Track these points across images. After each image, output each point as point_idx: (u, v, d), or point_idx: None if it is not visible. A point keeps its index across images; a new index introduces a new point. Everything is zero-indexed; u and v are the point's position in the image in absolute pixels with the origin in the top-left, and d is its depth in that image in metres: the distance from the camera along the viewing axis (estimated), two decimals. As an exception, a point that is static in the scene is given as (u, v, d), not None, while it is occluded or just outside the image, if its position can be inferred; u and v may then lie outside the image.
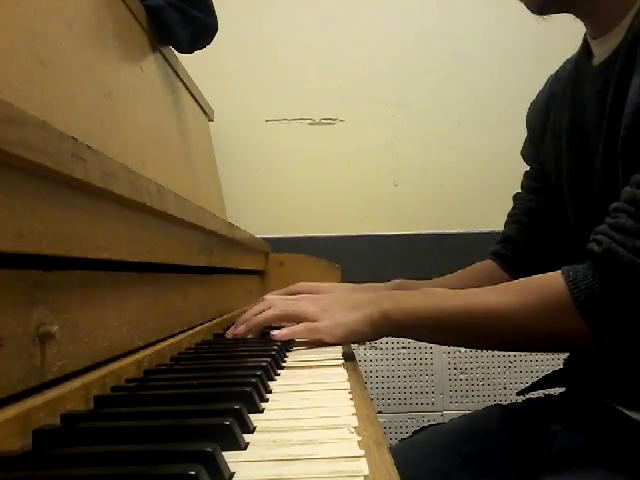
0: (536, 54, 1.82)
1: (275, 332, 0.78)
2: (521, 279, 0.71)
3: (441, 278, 1.07)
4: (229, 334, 0.85)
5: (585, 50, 0.84)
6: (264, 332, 0.88)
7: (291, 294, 0.95)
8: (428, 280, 1.06)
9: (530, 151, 1.01)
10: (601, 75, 0.78)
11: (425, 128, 1.86)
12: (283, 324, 0.83)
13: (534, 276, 0.69)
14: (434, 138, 1.86)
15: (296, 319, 0.78)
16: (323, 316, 0.76)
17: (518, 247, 1.01)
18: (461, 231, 1.82)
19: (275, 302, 0.82)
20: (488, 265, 1.04)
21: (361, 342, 0.77)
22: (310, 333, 0.76)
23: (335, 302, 0.79)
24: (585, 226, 0.85)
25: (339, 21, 1.86)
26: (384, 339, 1.72)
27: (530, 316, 0.66)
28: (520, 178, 1.06)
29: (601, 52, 0.79)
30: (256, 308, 0.84)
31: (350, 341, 0.76)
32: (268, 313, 0.80)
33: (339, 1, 1.87)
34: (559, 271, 0.66)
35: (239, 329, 0.83)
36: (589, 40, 0.83)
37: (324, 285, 1.01)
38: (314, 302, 0.79)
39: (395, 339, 1.74)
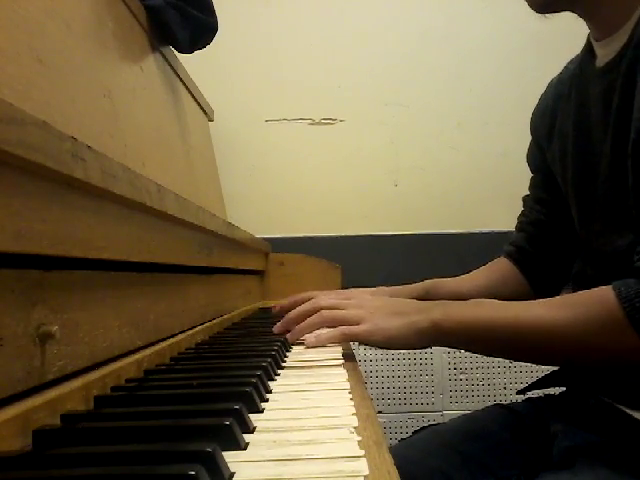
0: (536, 54, 1.82)
1: (310, 339, 0.78)
2: (572, 294, 0.70)
3: (467, 275, 1.08)
4: (276, 330, 0.85)
5: (588, 51, 0.84)
6: (265, 332, 0.88)
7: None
8: (454, 277, 1.08)
9: (536, 157, 1.01)
10: (605, 77, 0.78)
11: (425, 128, 1.86)
12: None
13: (585, 291, 0.69)
14: (434, 138, 1.86)
15: (337, 324, 0.77)
16: (365, 319, 0.75)
17: (529, 255, 1.03)
18: (461, 231, 1.82)
19: (320, 304, 0.82)
20: (507, 264, 1.05)
21: (403, 349, 0.76)
22: (346, 338, 0.75)
23: (381, 307, 0.77)
24: (589, 225, 0.85)
25: (339, 21, 1.86)
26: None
27: (583, 332, 0.66)
28: (520, 178, 1.06)
29: (605, 54, 0.79)
30: (302, 308, 0.83)
31: (390, 347, 0.75)
32: (312, 320, 0.80)
33: (339, 1, 1.87)
34: (610, 286, 0.65)
35: (289, 338, 0.82)
36: (592, 42, 0.83)
37: (361, 291, 1.02)
38: (359, 306, 0.78)
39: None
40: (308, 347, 0.78)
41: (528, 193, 1.06)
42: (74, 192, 0.47)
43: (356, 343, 0.80)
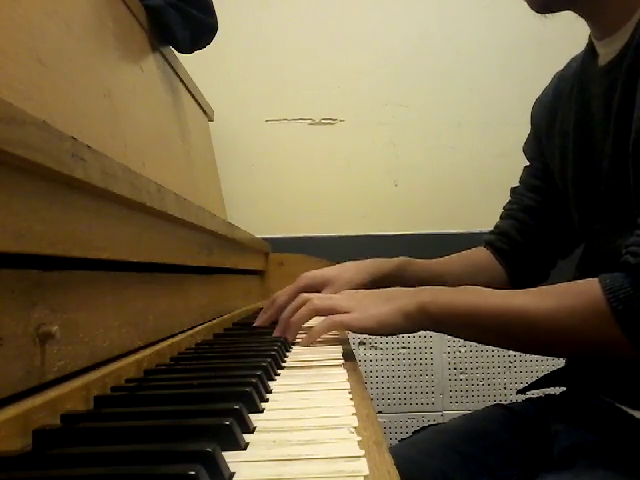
0: (536, 54, 1.82)
1: (302, 338, 0.78)
2: (559, 284, 0.71)
3: (441, 258, 1.07)
4: (277, 333, 0.84)
5: (590, 50, 0.84)
6: (265, 332, 0.88)
7: (300, 288, 0.95)
8: (430, 260, 1.06)
9: (534, 148, 1.01)
10: (607, 76, 0.79)
11: (425, 128, 1.86)
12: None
13: (572, 282, 0.69)
14: (434, 138, 1.86)
15: (328, 313, 0.78)
16: (354, 307, 0.76)
17: (514, 243, 1.01)
18: (461, 231, 1.82)
19: (309, 297, 0.82)
20: (484, 253, 1.04)
21: (394, 334, 0.76)
22: (335, 325, 0.76)
23: (369, 295, 0.79)
24: (589, 225, 0.85)
25: (339, 21, 1.86)
26: (383, 338, 1.72)
27: (567, 321, 0.66)
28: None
29: (606, 53, 0.79)
30: (293, 305, 0.83)
31: (380, 332, 0.75)
32: (302, 312, 0.80)
33: (339, 1, 1.87)
34: (596, 278, 0.66)
35: (288, 336, 0.82)
36: (594, 41, 0.83)
37: (329, 270, 1.00)
38: (348, 296, 0.79)
39: (395, 338, 1.74)
40: (305, 346, 0.78)
41: (518, 185, 1.05)
42: (74, 192, 0.47)
43: (356, 343, 0.80)
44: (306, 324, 0.83)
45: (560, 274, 1.03)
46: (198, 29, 1.19)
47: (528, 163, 1.04)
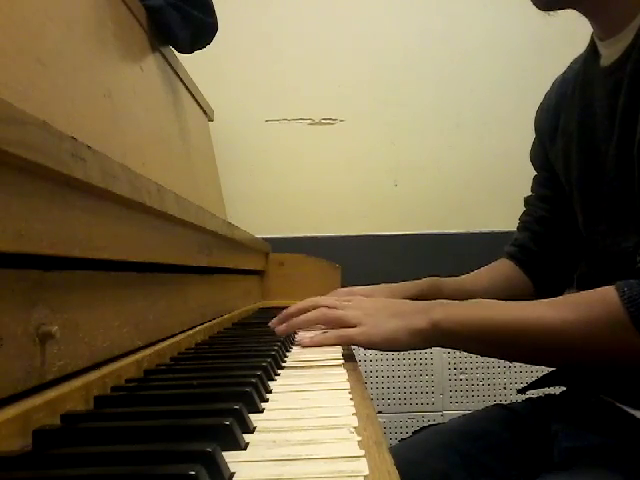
0: (536, 54, 1.82)
1: (305, 340, 0.78)
2: (574, 294, 0.69)
3: (469, 275, 1.07)
4: (272, 324, 0.86)
5: (592, 51, 0.84)
6: (265, 332, 0.89)
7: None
8: (456, 277, 1.06)
9: (539, 156, 1.01)
10: (610, 77, 0.78)
11: (425, 128, 1.86)
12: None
13: (588, 291, 0.68)
14: (434, 138, 1.86)
15: (335, 324, 0.77)
16: (364, 320, 0.75)
17: (532, 254, 1.02)
18: (461, 231, 1.82)
19: (320, 302, 0.82)
20: (509, 265, 1.04)
21: (402, 351, 0.75)
22: (342, 340, 0.75)
23: (380, 308, 0.77)
24: (594, 226, 0.85)
25: (339, 21, 1.86)
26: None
27: (585, 332, 0.65)
28: (520, 178, 1.06)
29: (610, 53, 0.79)
30: (301, 304, 0.84)
31: (385, 348, 0.74)
32: (309, 315, 0.80)
33: (339, 1, 1.87)
34: (613, 286, 0.65)
35: (280, 328, 0.83)
36: (597, 41, 0.82)
37: (362, 289, 1.01)
38: (358, 307, 0.79)
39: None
40: (303, 347, 0.78)
41: (530, 194, 1.05)
42: (74, 192, 0.47)
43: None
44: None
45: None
46: (198, 29, 1.19)
47: (530, 168, 1.04)
